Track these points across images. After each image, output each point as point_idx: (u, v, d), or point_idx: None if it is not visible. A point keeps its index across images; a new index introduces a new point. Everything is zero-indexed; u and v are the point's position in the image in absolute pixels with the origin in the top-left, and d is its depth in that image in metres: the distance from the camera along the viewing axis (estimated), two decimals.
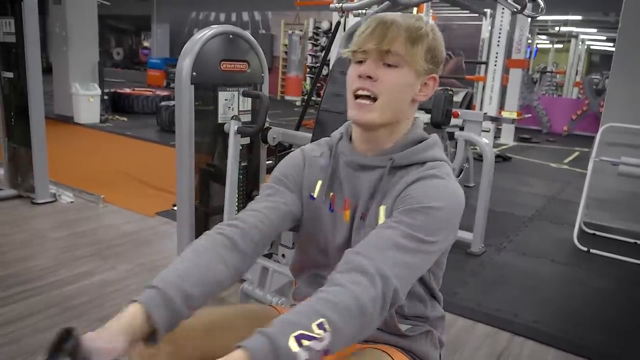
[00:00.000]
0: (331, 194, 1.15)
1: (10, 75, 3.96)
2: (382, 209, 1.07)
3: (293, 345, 0.77)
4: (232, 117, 2.80)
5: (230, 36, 2.74)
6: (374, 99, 1.04)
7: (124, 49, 22.05)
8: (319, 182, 1.17)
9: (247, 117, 2.92)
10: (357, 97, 1.06)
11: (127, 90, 10.42)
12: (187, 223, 2.78)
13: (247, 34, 2.85)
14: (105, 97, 8.94)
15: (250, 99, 2.93)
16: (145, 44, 21.13)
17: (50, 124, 4.70)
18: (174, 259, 0.99)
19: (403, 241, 0.94)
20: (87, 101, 8.19)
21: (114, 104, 9.65)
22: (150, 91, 10.83)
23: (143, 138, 7.49)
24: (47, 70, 6.02)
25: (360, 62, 1.06)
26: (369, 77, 1.04)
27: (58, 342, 0.76)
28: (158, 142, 7.29)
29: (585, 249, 3.80)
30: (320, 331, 0.80)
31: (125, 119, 9.08)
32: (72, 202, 4.15)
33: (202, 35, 2.63)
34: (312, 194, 1.17)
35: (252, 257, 1.07)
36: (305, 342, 0.78)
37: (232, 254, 1.03)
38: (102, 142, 7.16)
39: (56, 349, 0.75)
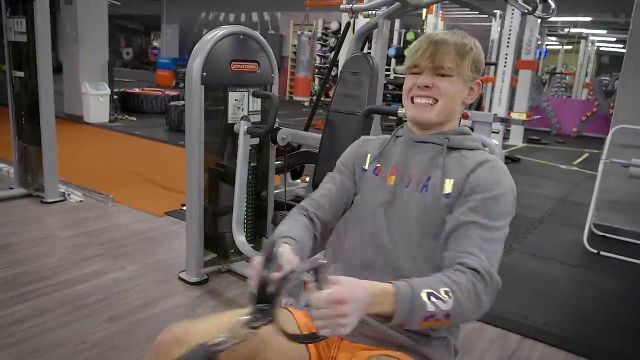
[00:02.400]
0: (378, 164, 1.30)
1: (21, 74, 3.98)
2: (448, 182, 1.18)
3: (424, 296, 0.96)
4: (242, 117, 2.81)
5: (241, 37, 2.74)
6: (433, 103, 1.21)
7: (134, 49, 22.16)
8: (369, 155, 1.33)
9: (256, 118, 2.93)
10: (415, 102, 1.23)
11: (137, 90, 10.45)
12: (196, 223, 2.79)
13: (258, 34, 2.85)
14: (115, 97, 8.98)
15: (260, 100, 2.93)
16: (155, 43, 21.22)
17: (60, 123, 4.71)
18: (283, 223, 1.24)
19: (491, 235, 1.12)
20: (96, 101, 8.23)
21: (123, 104, 9.68)
22: (159, 91, 10.86)
23: (152, 138, 7.51)
24: (57, 69, 6.05)
25: (416, 73, 1.22)
26: (427, 86, 1.20)
27: (269, 252, 0.93)
28: (167, 141, 7.31)
29: (595, 251, 3.77)
30: (446, 296, 0.98)
31: (135, 118, 9.11)
32: (81, 201, 4.17)
33: (212, 35, 2.64)
34: (363, 167, 1.33)
35: (323, 236, 1.31)
36: (433, 299, 0.96)
37: (313, 232, 1.27)
38: (111, 142, 7.19)
39: (269, 257, 0.93)
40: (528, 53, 8.66)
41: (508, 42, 7.99)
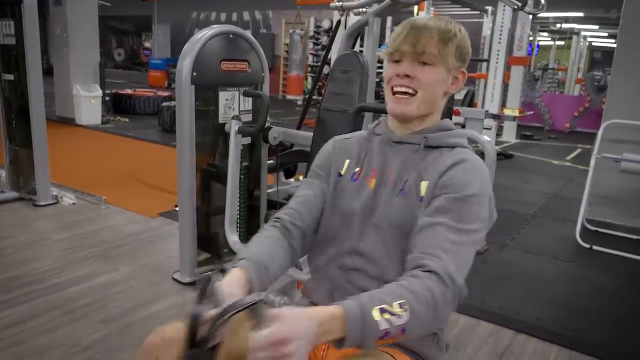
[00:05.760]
0: (357, 168, 1.25)
1: (10, 77, 3.96)
2: (423, 185, 1.14)
3: (376, 314, 0.90)
4: (233, 117, 2.80)
5: (231, 36, 2.74)
6: (413, 94, 1.16)
7: (125, 50, 22.06)
8: (347, 161, 1.27)
9: (248, 117, 2.92)
10: (395, 93, 1.18)
11: (129, 91, 10.41)
12: (189, 223, 2.78)
13: (247, 33, 2.85)
14: (107, 98, 8.96)
15: (251, 99, 2.93)
16: (146, 44, 21.12)
17: (52, 125, 4.70)
18: (249, 244, 1.18)
19: (459, 238, 1.05)
20: (88, 102, 8.20)
21: (116, 105, 9.66)
22: (151, 92, 10.82)
23: (145, 139, 7.50)
24: (48, 71, 6.03)
25: (397, 61, 1.17)
26: (407, 75, 1.15)
27: (203, 288, 0.89)
28: (160, 142, 7.29)
29: (587, 245, 3.78)
30: (400, 310, 0.91)
31: (127, 119, 9.08)
32: (74, 203, 4.15)
33: (202, 35, 2.64)
34: (340, 171, 1.27)
35: (302, 243, 1.24)
36: (386, 315, 0.90)
37: (288, 241, 1.21)
38: (103, 144, 7.16)
39: (203, 294, 0.89)
40: (520, 49, 8.67)
41: (500, 39, 8.00)
